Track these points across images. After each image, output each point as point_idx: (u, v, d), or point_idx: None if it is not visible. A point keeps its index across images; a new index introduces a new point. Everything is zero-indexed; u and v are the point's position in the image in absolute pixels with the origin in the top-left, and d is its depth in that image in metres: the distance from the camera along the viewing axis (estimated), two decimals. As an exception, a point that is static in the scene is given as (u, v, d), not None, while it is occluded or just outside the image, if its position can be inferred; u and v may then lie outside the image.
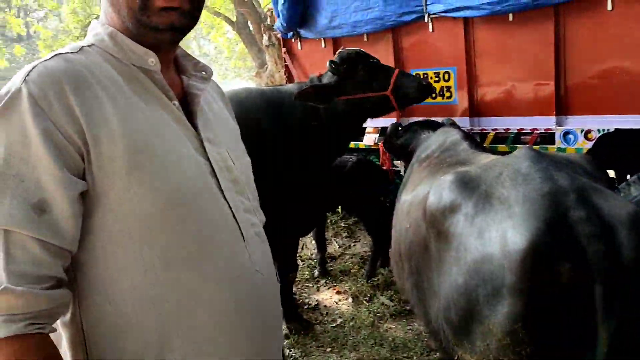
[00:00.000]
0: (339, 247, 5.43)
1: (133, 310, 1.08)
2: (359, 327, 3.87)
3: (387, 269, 4.57)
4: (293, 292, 4.17)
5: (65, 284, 1.04)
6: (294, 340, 3.75)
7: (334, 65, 3.43)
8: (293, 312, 3.94)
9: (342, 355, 3.55)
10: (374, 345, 3.60)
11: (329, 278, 4.80)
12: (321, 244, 4.95)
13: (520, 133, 3.88)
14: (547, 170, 1.66)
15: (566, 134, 3.55)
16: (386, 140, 3.80)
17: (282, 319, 1.46)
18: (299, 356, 3.58)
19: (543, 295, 1.50)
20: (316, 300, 4.42)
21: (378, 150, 4.59)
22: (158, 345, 1.09)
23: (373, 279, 4.52)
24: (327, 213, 5.56)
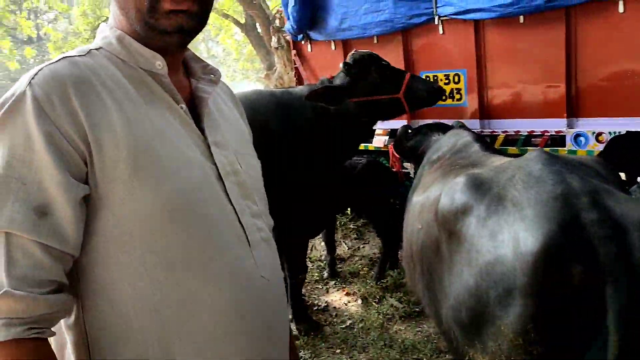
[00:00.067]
0: (348, 248, 5.44)
1: (135, 313, 1.06)
2: (369, 329, 3.87)
3: (396, 270, 4.58)
4: (302, 293, 4.18)
5: (66, 288, 1.04)
6: (303, 341, 3.76)
7: (347, 66, 3.44)
8: (302, 313, 3.95)
9: (352, 357, 3.56)
10: (384, 346, 3.60)
11: (338, 279, 4.81)
12: (330, 245, 4.95)
13: (531, 135, 3.87)
14: (559, 173, 1.67)
15: (577, 136, 3.54)
16: (396, 142, 3.81)
17: (290, 324, 1.44)
18: (308, 357, 3.59)
19: (555, 297, 1.51)
20: (325, 302, 4.43)
21: (388, 152, 4.59)
22: (160, 348, 1.08)
23: (382, 280, 4.52)
24: (337, 215, 5.57)
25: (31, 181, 0.98)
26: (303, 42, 5.26)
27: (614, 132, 3.37)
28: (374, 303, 4.24)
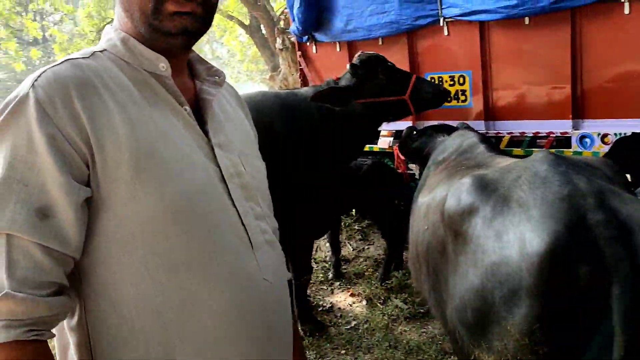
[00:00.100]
0: (353, 249, 5.44)
1: (137, 314, 1.07)
2: (373, 330, 3.88)
3: (401, 271, 4.58)
4: (307, 294, 4.19)
5: (66, 291, 1.04)
6: (308, 342, 3.77)
7: (354, 68, 3.45)
8: (307, 314, 3.96)
9: (357, 358, 3.57)
10: (388, 347, 3.61)
11: (343, 280, 4.81)
12: (335, 246, 4.95)
13: (536, 137, 3.88)
14: (565, 174, 1.67)
15: (583, 137, 3.54)
16: (401, 143, 3.82)
17: (295, 327, 1.43)
18: (313, 358, 3.60)
19: (561, 297, 1.51)
20: (330, 303, 4.44)
21: (393, 153, 4.60)
22: (161, 349, 1.08)
23: (387, 281, 4.52)
24: (342, 216, 5.57)
25: (33, 183, 0.98)
26: (308, 44, 5.28)
27: (620, 134, 3.37)
28: (378, 304, 4.25)
